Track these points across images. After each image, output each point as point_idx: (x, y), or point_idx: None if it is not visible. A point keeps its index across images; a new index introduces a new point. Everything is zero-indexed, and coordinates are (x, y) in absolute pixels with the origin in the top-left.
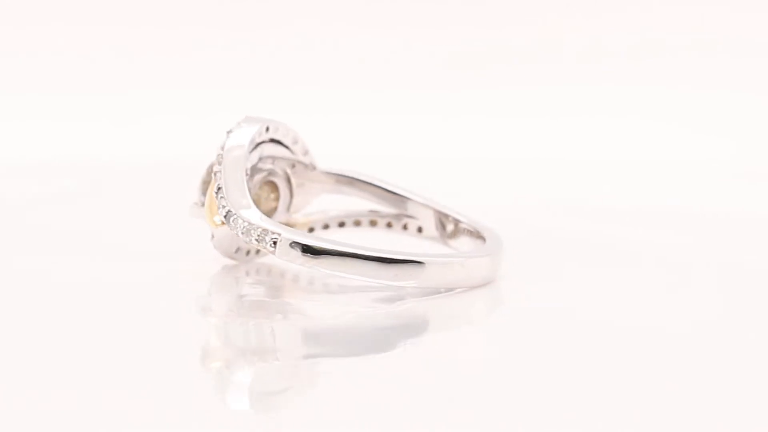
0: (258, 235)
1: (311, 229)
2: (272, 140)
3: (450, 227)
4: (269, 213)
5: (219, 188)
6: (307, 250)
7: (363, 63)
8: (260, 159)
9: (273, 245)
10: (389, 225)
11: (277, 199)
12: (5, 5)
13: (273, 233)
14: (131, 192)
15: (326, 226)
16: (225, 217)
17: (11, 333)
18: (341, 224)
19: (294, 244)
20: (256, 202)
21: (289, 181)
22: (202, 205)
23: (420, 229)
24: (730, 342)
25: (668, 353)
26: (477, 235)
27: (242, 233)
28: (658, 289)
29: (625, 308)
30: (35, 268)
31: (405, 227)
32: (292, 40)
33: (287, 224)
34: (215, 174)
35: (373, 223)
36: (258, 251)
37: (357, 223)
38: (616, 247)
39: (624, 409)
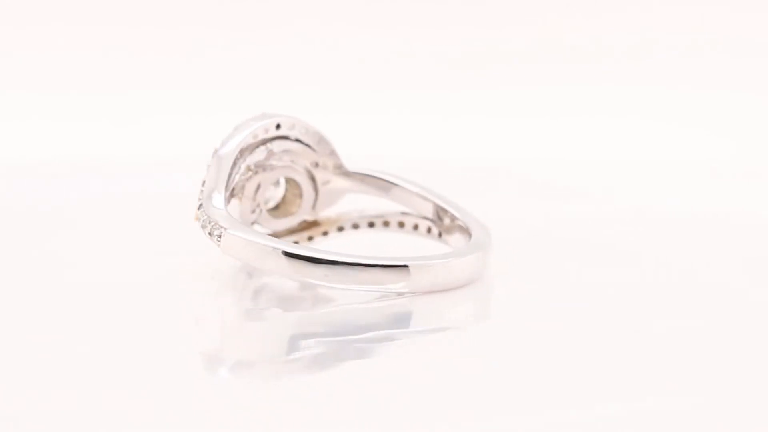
0: (210, 229)
1: (341, 228)
2: (287, 137)
3: (447, 221)
4: (293, 211)
5: (203, 182)
6: (247, 247)
7: (363, 63)
8: (271, 155)
9: (219, 239)
10: (415, 227)
11: (301, 196)
12: (5, 5)
13: (220, 227)
14: (133, 191)
15: (356, 226)
16: (198, 209)
17: (11, 332)
18: (371, 224)
19: (237, 239)
20: (286, 201)
21: (313, 179)
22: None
23: (440, 234)
24: (729, 342)
25: (667, 354)
26: (467, 232)
27: (202, 226)
28: (657, 289)
29: (622, 308)
30: (36, 266)
31: (429, 231)
32: (292, 40)
33: (315, 222)
34: (207, 168)
35: (401, 225)
36: None
37: (386, 224)
38: (615, 247)
39: (619, 408)
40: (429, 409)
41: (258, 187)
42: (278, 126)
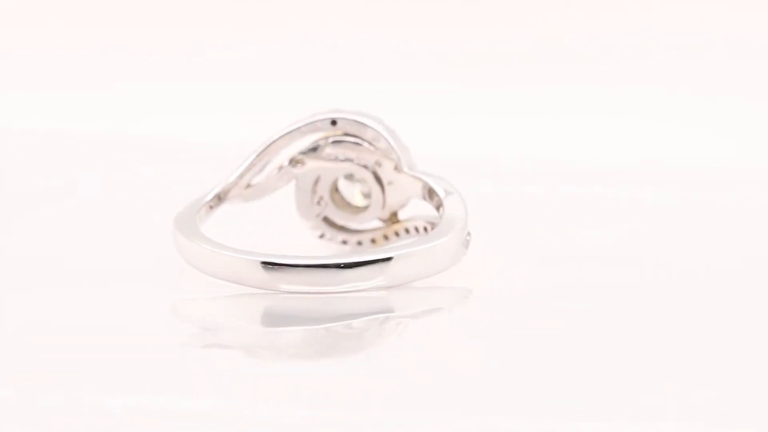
0: None
1: (407, 230)
2: (347, 133)
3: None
4: (362, 210)
5: None
6: (178, 238)
7: (363, 63)
8: (324, 150)
9: None
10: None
11: (369, 195)
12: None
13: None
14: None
15: (416, 229)
16: None
17: (12, 328)
18: (425, 229)
19: (174, 229)
20: (356, 198)
21: (378, 178)
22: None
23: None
24: (727, 343)
25: (666, 355)
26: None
27: None
28: (656, 289)
29: (621, 308)
30: (36, 264)
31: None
32: (292, 40)
33: (391, 220)
34: None
35: None
36: (359, 242)
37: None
38: (616, 247)
39: (614, 405)
40: (425, 408)
41: (317, 179)
42: (334, 122)
